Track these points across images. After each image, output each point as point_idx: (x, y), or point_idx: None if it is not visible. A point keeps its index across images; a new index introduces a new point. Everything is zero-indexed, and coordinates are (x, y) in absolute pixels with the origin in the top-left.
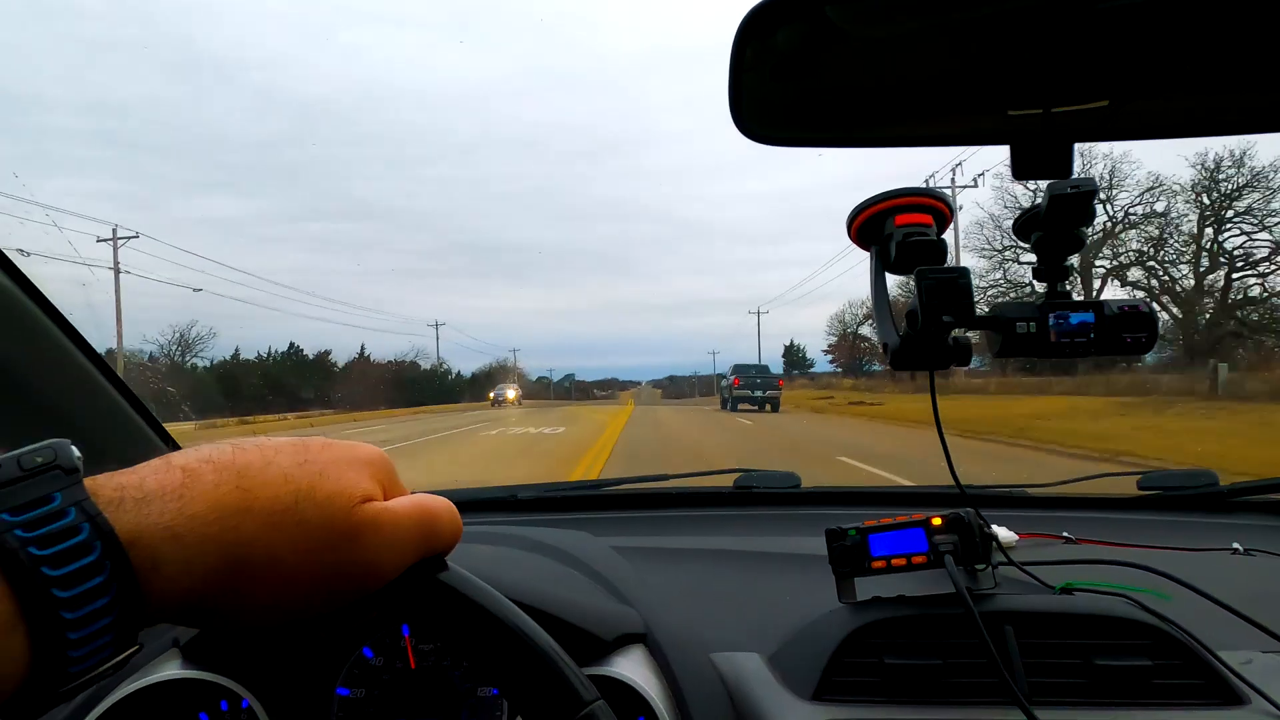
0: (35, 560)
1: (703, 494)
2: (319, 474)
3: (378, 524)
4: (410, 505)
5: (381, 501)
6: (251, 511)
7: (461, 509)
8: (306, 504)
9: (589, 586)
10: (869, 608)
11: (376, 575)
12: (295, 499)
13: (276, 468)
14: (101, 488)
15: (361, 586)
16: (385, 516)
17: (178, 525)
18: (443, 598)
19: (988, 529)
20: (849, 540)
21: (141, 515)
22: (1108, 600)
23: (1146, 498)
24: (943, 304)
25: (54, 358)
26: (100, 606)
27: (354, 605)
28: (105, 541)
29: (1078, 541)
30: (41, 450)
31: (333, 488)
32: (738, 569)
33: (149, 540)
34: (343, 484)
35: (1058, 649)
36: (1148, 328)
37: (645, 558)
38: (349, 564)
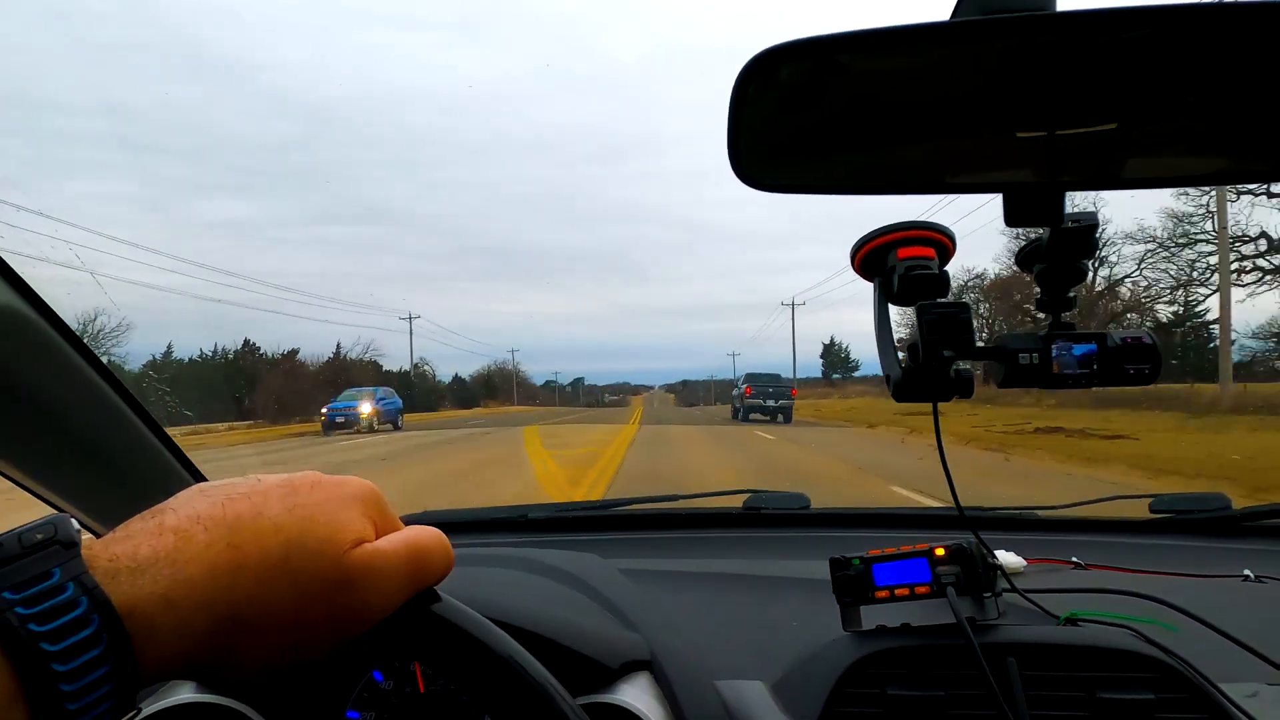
0: (34, 636)
1: (712, 515)
2: (309, 519)
3: (370, 567)
4: (401, 543)
5: (373, 543)
6: (244, 569)
7: (473, 529)
8: (298, 555)
9: (597, 611)
10: (873, 637)
11: (370, 617)
12: (286, 551)
13: (267, 519)
14: (97, 558)
15: (356, 629)
16: (378, 560)
17: (172, 593)
18: (436, 629)
19: (992, 558)
20: (853, 570)
21: (136, 585)
22: (1111, 632)
23: (1158, 521)
24: (943, 339)
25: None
26: (98, 677)
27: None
28: (102, 613)
29: (1087, 567)
30: (42, 526)
31: (324, 534)
32: (745, 593)
33: (144, 609)
34: (334, 529)
35: (1061, 681)
36: (1151, 359)
37: (653, 581)
38: (343, 610)
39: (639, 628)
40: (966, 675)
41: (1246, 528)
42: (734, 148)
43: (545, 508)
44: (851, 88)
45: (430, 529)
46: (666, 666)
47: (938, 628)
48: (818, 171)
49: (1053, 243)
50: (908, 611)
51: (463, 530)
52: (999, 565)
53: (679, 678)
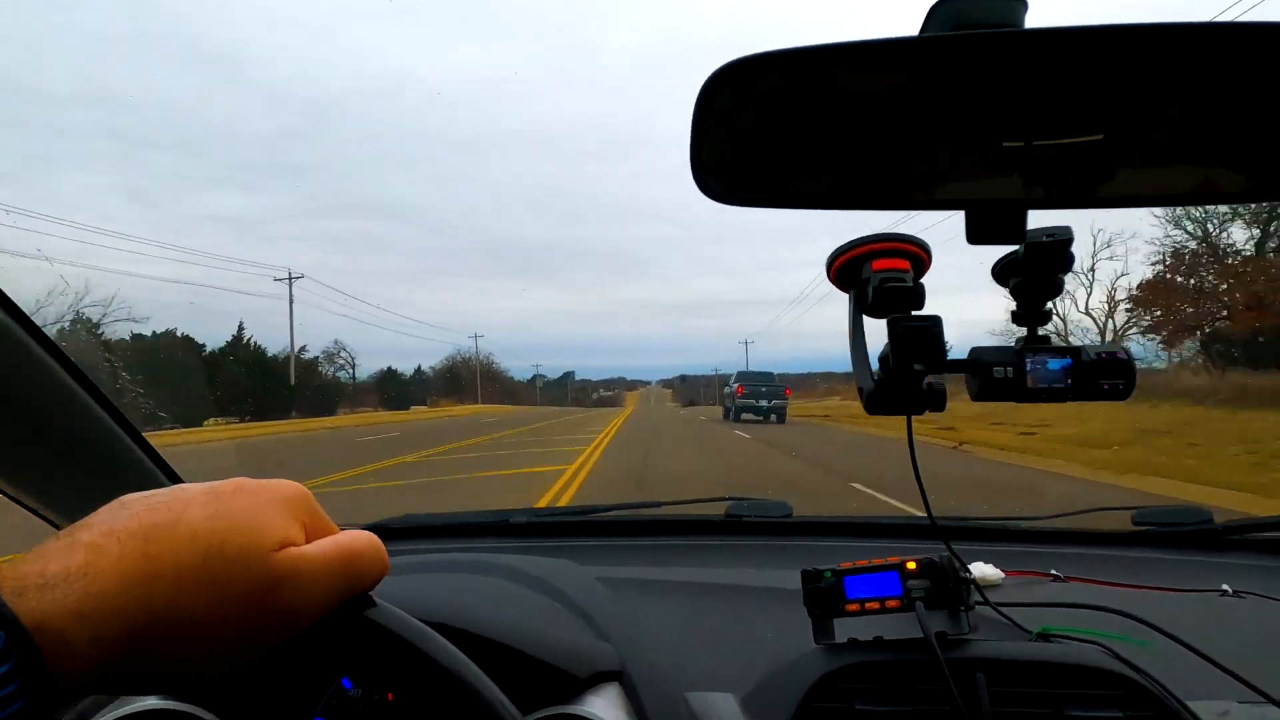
0: None
1: (693, 522)
2: (230, 525)
3: (295, 571)
4: (331, 547)
5: (299, 546)
6: (160, 578)
7: (455, 534)
8: (217, 561)
9: (569, 620)
10: (843, 651)
11: (298, 621)
12: (205, 558)
13: (185, 526)
14: (5, 579)
15: (283, 635)
16: (303, 563)
17: (83, 606)
18: (370, 635)
19: (964, 571)
20: (824, 582)
21: (45, 601)
22: (1081, 649)
23: (1140, 533)
24: (914, 352)
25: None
26: (9, 693)
27: (282, 649)
28: (9, 630)
29: (1065, 580)
30: None
31: (245, 539)
32: (723, 603)
33: (54, 624)
34: (256, 533)
35: (1030, 698)
36: (1125, 374)
37: (630, 589)
38: (266, 616)
39: (611, 638)
40: (935, 691)
41: (1229, 541)
42: (697, 159)
43: (527, 513)
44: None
45: (363, 533)
46: (636, 678)
47: (908, 642)
48: (779, 186)
49: (1028, 257)
50: (882, 624)
51: (444, 535)
52: (971, 579)
53: (648, 689)
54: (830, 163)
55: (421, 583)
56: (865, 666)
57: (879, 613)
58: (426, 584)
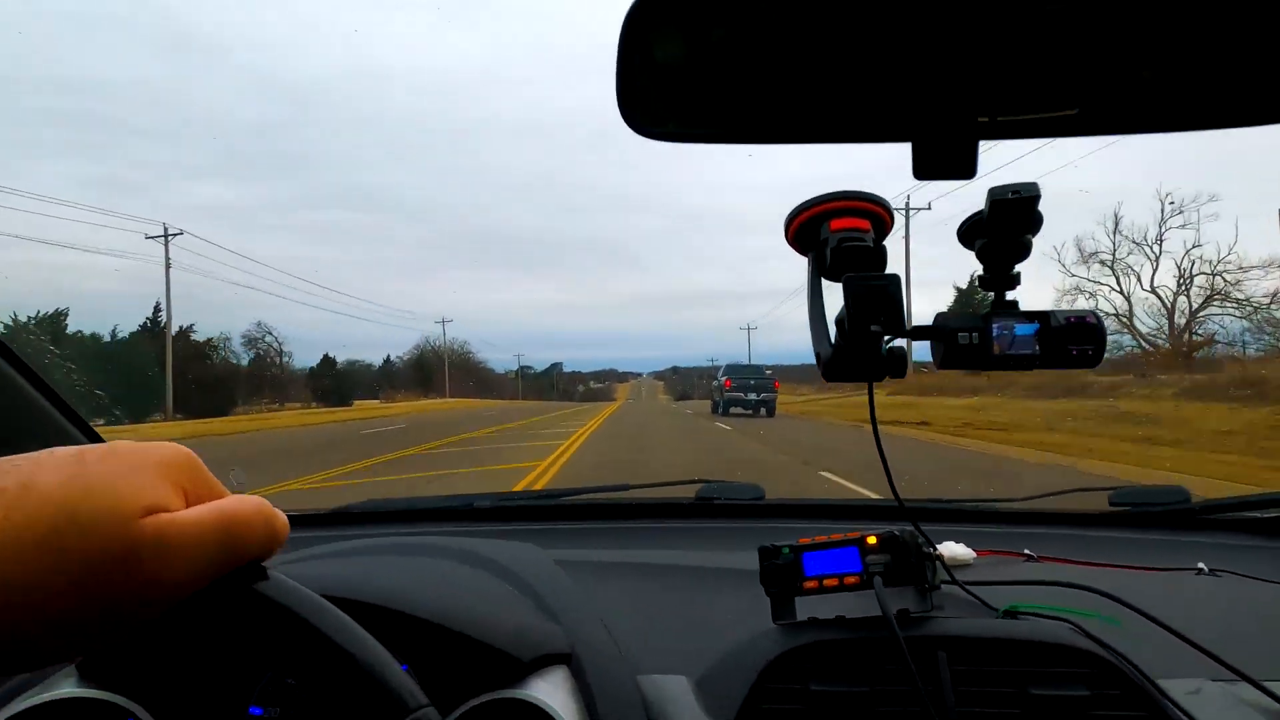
0: None
1: (663, 505)
2: (87, 489)
3: (163, 540)
4: (210, 513)
5: (172, 512)
6: (1, 547)
7: (418, 518)
8: (69, 529)
9: (519, 603)
10: (801, 630)
11: (168, 593)
12: (55, 524)
13: (35, 492)
14: None
15: (152, 608)
16: (172, 530)
17: None
18: (257, 609)
19: (929, 548)
20: (782, 559)
21: None
22: (1048, 625)
23: (1117, 514)
24: (871, 313)
25: None
26: None
27: (158, 623)
28: None
29: (1038, 559)
30: None
31: (105, 503)
32: (686, 585)
33: None
34: (118, 498)
35: (993, 677)
36: (1095, 340)
37: (591, 572)
38: (128, 587)
39: (562, 620)
40: (894, 670)
41: (1205, 521)
42: (624, 93)
43: (491, 497)
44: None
45: (253, 499)
46: (586, 660)
47: (868, 620)
48: (712, 119)
49: (993, 216)
50: (846, 603)
51: (406, 519)
52: (937, 555)
53: (598, 672)
54: (766, 92)
55: (364, 564)
56: (822, 646)
57: (838, 590)
58: (369, 566)
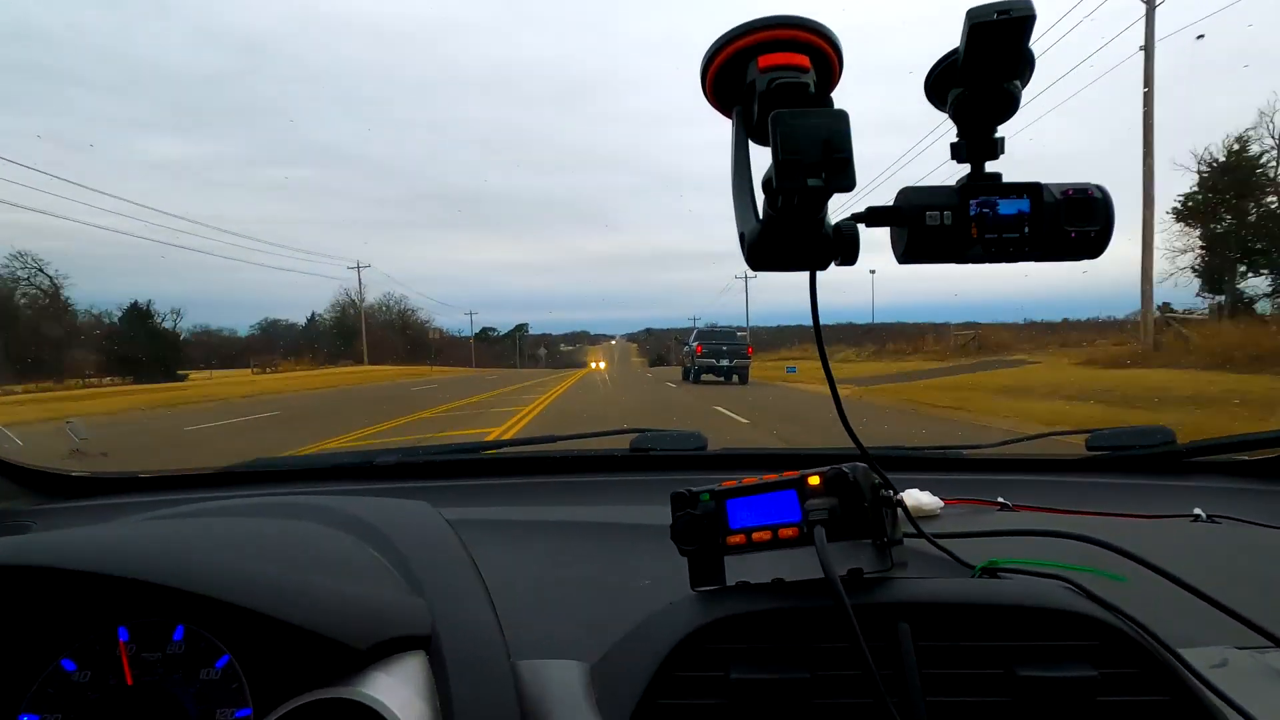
0: None
1: (591, 458)
2: None
3: None
4: None
5: None
6: None
7: (311, 477)
8: None
9: (377, 574)
10: (722, 599)
11: None
12: None
13: None
14: None
15: None
16: None
17: None
18: None
19: (886, 490)
20: (700, 508)
21: None
22: (1040, 586)
23: (1095, 459)
24: (807, 162)
25: None
26: None
27: None
28: None
29: (1014, 508)
30: None
31: None
32: (601, 546)
33: None
34: None
35: (971, 654)
36: (1099, 218)
37: (493, 533)
38: None
39: (429, 593)
40: (843, 649)
41: (1192, 464)
42: None
43: (397, 452)
44: None
45: None
46: (450, 644)
47: (811, 584)
48: None
49: (971, 52)
50: (784, 563)
51: (298, 479)
52: (897, 500)
53: (463, 658)
54: None
55: (176, 530)
56: (748, 619)
57: (770, 546)
58: (183, 532)
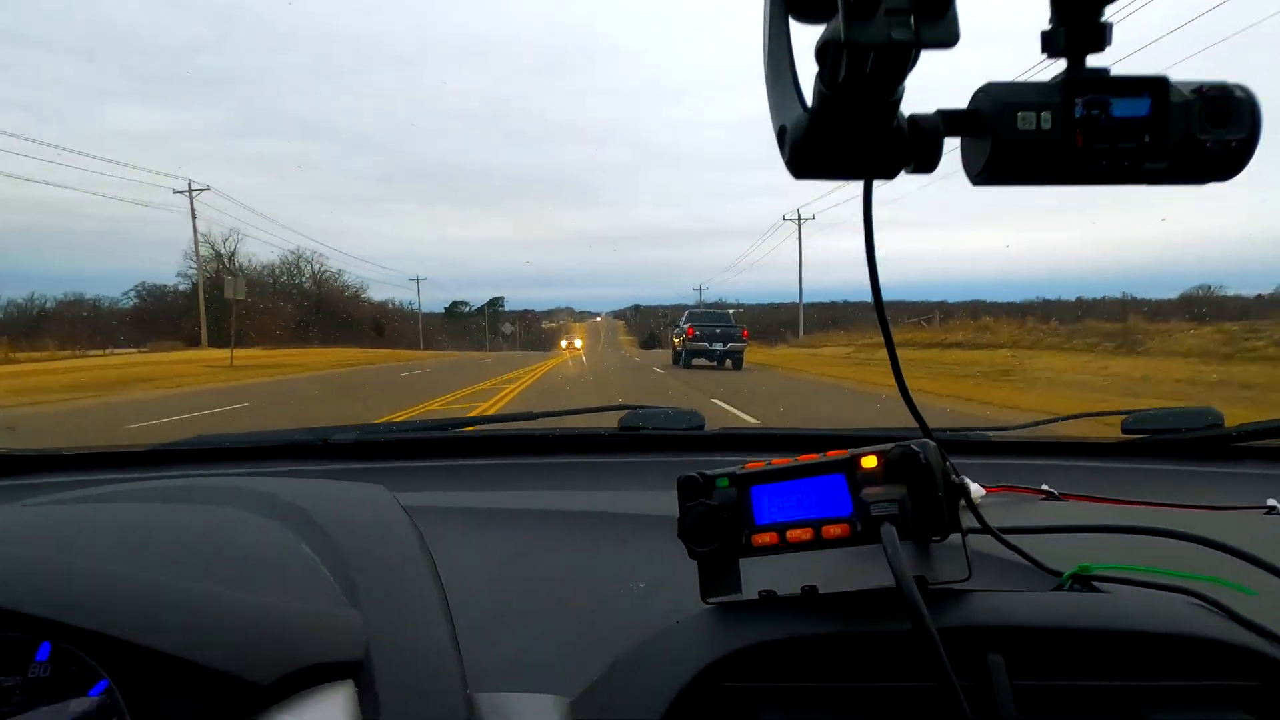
0: None
1: (578, 437)
2: None
3: None
4: None
5: None
6: None
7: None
8: None
9: (305, 579)
10: (748, 619)
11: None
12: None
13: None
14: None
15: None
16: None
17: None
18: None
19: (956, 476)
20: (716, 496)
21: None
22: (1168, 604)
23: (1134, 443)
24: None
25: None
26: None
27: None
28: None
29: (1061, 497)
30: None
31: None
32: (589, 539)
33: None
34: None
35: (1085, 697)
36: (1244, 124)
37: (460, 523)
38: None
39: (367, 603)
40: (912, 690)
41: (1241, 450)
42: None
43: (356, 429)
44: None
45: None
46: (389, 670)
47: (863, 598)
48: None
49: None
50: (817, 566)
51: (244, 458)
52: (965, 488)
53: (405, 689)
54: None
55: (42, 520)
56: (784, 647)
57: (811, 546)
58: (48, 522)
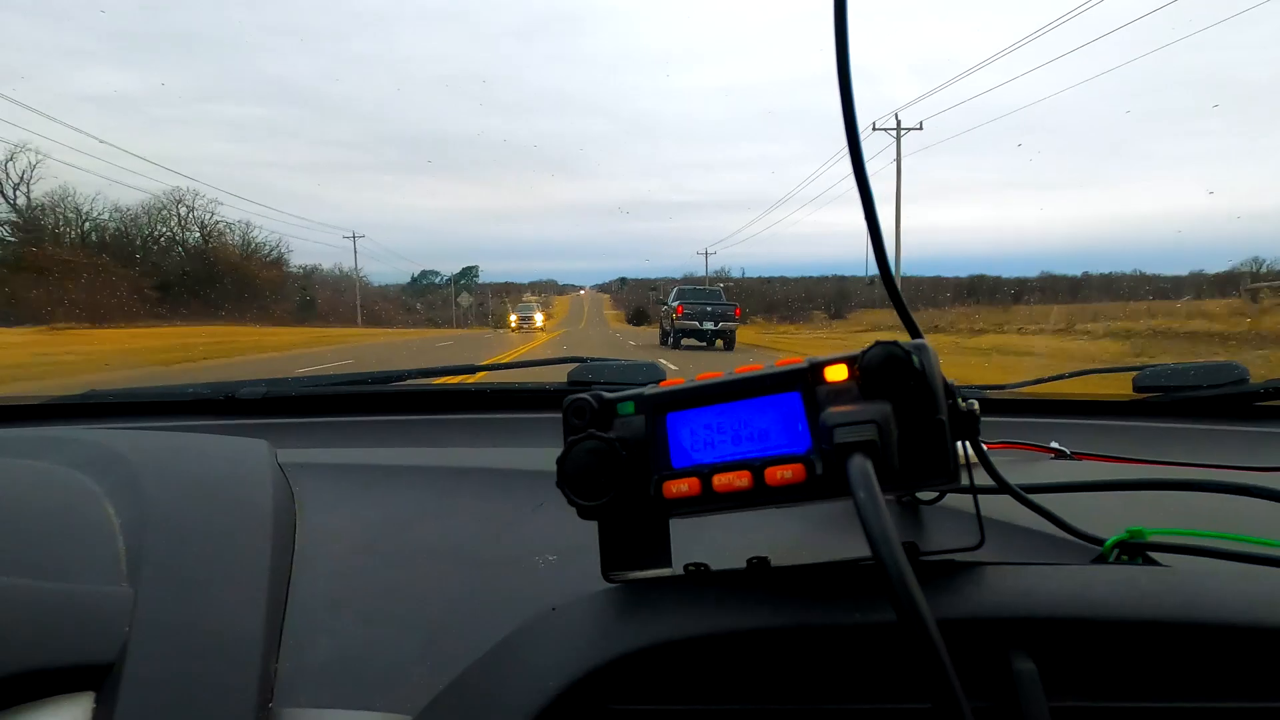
0: None
1: (520, 393)
2: None
3: None
4: None
5: None
6: None
7: (146, 412)
8: None
9: (83, 549)
10: (656, 604)
11: None
12: None
13: None
14: None
15: None
16: None
17: None
18: None
19: (963, 401)
20: (617, 426)
21: None
22: (1270, 583)
23: (1148, 402)
24: None
25: None
26: None
27: None
28: None
29: (1073, 457)
30: None
31: None
32: (505, 502)
33: None
34: None
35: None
36: None
37: (348, 482)
38: None
39: (150, 581)
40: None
41: (1264, 409)
42: None
43: (267, 383)
44: None
45: None
46: (150, 675)
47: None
48: None
49: None
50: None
51: (138, 413)
52: (975, 413)
53: (163, 703)
54: None
55: None
56: (705, 648)
57: (750, 499)
58: None
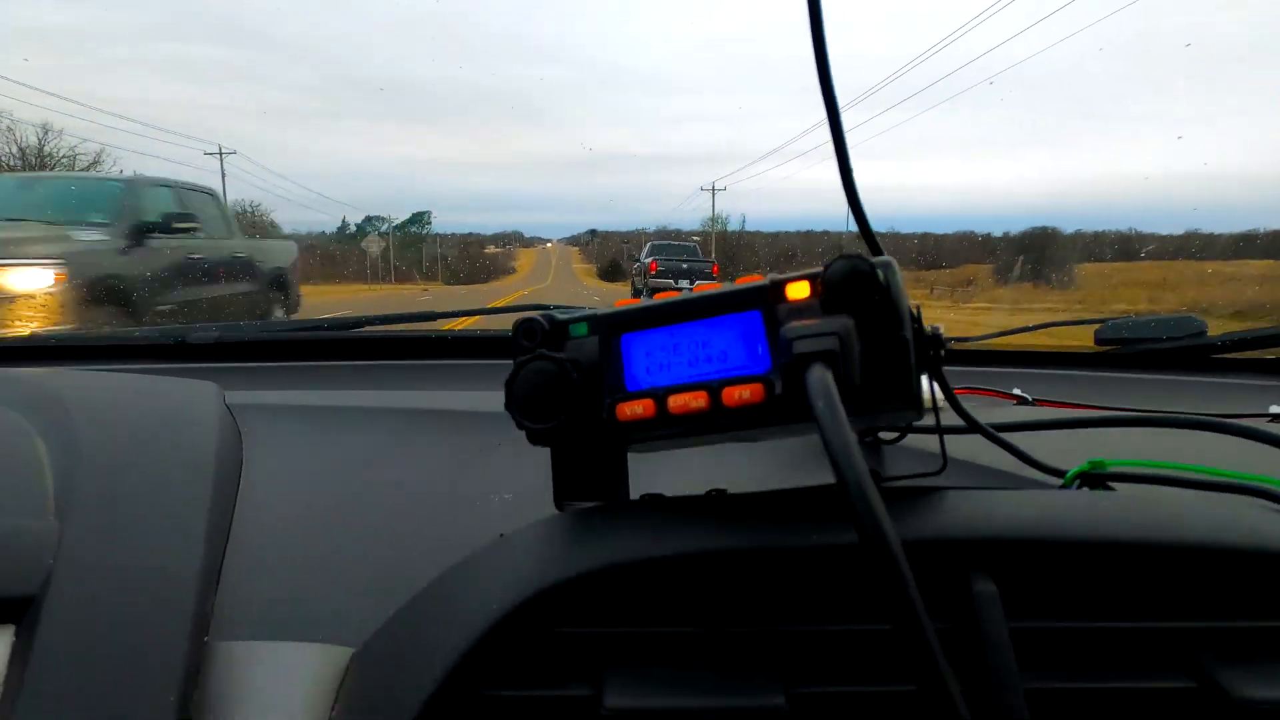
0: None
1: (477, 340)
2: None
3: None
4: None
5: None
6: None
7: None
8: None
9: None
10: (605, 529)
11: None
12: None
13: None
14: None
15: None
16: None
17: None
18: None
19: (928, 326)
20: (570, 348)
21: None
22: (1228, 508)
23: (1110, 354)
24: None
25: None
26: None
27: None
28: None
29: (1036, 403)
30: None
31: None
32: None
33: None
34: None
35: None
36: None
37: (299, 423)
38: None
39: (79, 514)
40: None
41: (1222, 361)
42: None
43: (219, 327)
44: None
45: None
46: (76, 608)
47: (787, 498)
48: None
49: None
50: (738, 459)
51: (82, 357)
52: (939, 337)
53: (90, 635)
54: None
55: None
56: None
57: (706, 423)
58: None
